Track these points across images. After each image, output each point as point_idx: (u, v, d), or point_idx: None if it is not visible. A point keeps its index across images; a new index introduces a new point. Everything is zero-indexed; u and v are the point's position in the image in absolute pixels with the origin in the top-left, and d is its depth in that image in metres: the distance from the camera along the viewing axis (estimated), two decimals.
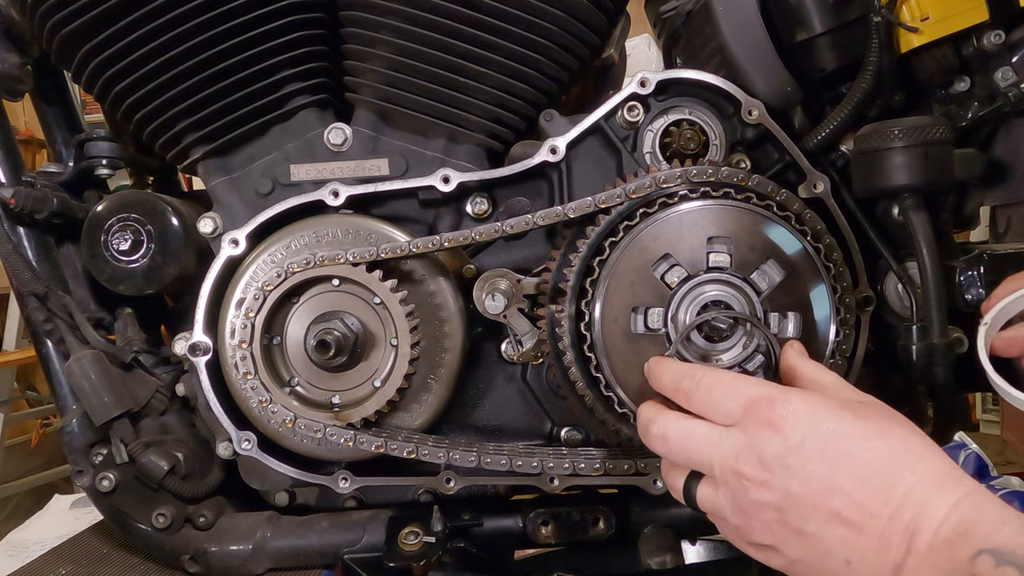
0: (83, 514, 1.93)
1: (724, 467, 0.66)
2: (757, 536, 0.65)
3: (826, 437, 0.62)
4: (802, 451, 0.62)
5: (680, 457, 0.70)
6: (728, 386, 0.68)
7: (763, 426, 0.64)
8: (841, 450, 0.62)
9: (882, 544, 0.58)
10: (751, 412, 0.65)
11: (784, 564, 0.65)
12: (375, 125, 1.03)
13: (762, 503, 0.64)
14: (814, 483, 0.61)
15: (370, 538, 1.06)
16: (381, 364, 0.98)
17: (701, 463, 0.69)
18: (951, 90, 0.94)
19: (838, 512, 0.60)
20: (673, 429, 0.70)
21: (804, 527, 0.62)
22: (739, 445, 0.65)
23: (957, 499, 0.57)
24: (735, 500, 0.66)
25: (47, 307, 1.07)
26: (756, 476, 0.64)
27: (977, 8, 0.87)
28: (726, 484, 0.66)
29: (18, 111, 1.85)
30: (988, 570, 0.52)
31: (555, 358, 0.90)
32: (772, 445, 0.63)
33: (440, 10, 0.96)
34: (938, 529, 0.56)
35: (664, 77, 0.96)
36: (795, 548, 0.63)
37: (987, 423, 3.60)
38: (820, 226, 0.88)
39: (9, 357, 3.43)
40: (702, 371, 0.71)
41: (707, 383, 0.70)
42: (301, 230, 0.98)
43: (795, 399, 0.65)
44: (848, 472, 0.61)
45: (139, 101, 1.01)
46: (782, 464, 0.63)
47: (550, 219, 0.92)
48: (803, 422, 0.63)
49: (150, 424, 1.10)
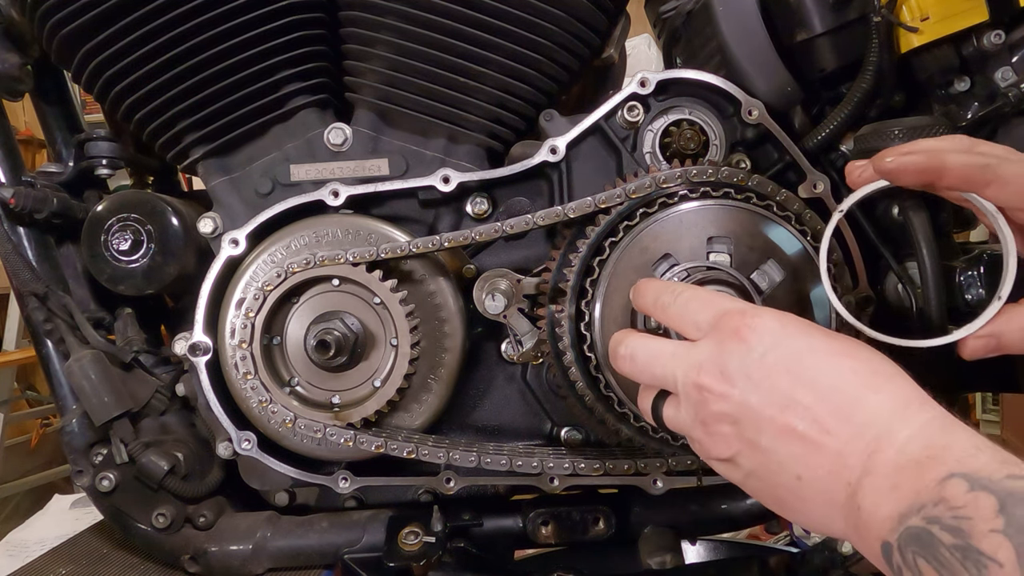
0: (83, 514, 1.93)
1: (687, 381, 0.65)
2: (715, 450, 0.65)
3: (791, 351, 0.61)
4: (764, 362, 0.61)
5: (647, 375, 0.70)
6: (705, 299, 0.68)
7: (730, 336, 0.63)
8: (805, 365, 0.60)
9: (838, 462, 0.56)
10: (720, 322, 0.65)
11: (740, 478, 0.64)
12: (375, 125, 1.03)
13: (720, 414, 0.63)
14: (773, 396, 0.60)
15: (370, 538, 1.06)
16: (381, 364, 0.98)
17: (666, 379, 0.68)
18: (951, 90, 0.94)
19: (793, 427, 0.59)
20: (641, 348, 0.71)
21: (758, 439, 0.60)
22: (703, 356, 0.64)
23: (924, 421, 0.55)
24: (696, 413, 0.65)
25: (47, 307, 1.07)
26: (716, 387, 0.63)
27: (977, 8, 0.87)
28: (687, 398, 0.65)
29: (18, 111, 1.85)
30: (959, 494, 0.48)
31: (555, 358, 0.90)
32: (736, 355, 0.62)
33: (440, 10, 0.96)
34: (902, 449, 0.54)
35: (664, 77, 0.96)
36: (749, 460, 0.62)
37: (987, 423, 3.60)
38: (820, 226, 0.88)
39: (9, 357, 3.43)
40: (683, 287, 0.72)
41: (686, 296, 0.70)
42: (301, 230, 0.98)
43: (767, 313, 0.64)
44: (809, 387, 0.59)
45: (139, 101, 1.01)
46: (744, 375, 0.61)
47: (550, 219, 0.92)
48: (770, 335, 0.62)
49: (150, 424, 1.10)
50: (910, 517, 0.51)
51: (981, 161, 0.69)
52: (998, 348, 0.71)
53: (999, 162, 0.69)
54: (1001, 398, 3.46)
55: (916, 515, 0.50)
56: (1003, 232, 0.70)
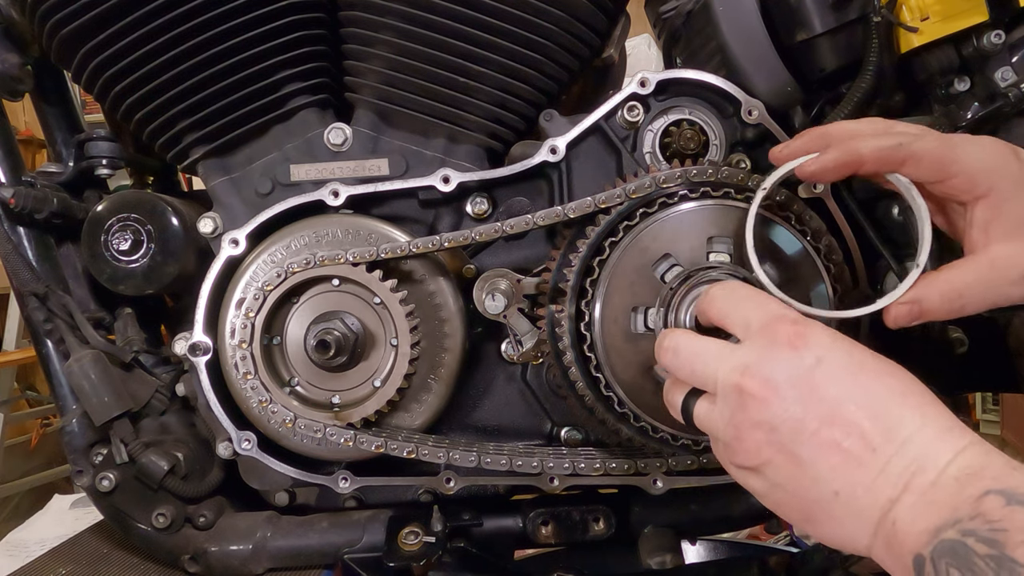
0: (83, 514, 1.93)
1: (727, 381, 0.64)
2: (741, 457, 0.64)
3: (842, 366, 0.61)
4: (813, 374, 0.61)
5: (686, 370, 0.69)
6: (759, 301, 0.68)
7: (780, 342, 0.63)
8: (856, 382, 0.60)
9: (880, 479, 0.57)
10: (770, 326, 0.64)
11: (763, 489, 0.64)
12: (375, 125, 1.03)
13: (757, 421, 0.62)
14: (819, 408, 0.60)
15: (370, 538, 1.06)
16: (381, 364, 0.98)
17: (706, 378, 0.67)
18: (951, 90, 0.94)
19: (838, 441, 0.58)
20: (685, 343, 0.70)
21: (797, 451, 0.60)
22: (750, 358, 0.64)
23: (964, 446, 0.56)
24: (731, 416, 0.64)
25: (47, 307, 1.07)
26: (758, 392, 0.62)
27: (977, 8, 0.87)
28: (725, 399, 0.65)
29: (18, 111, 1.85)
30: (996, 508, 0.50)
31: (555, 358, 0.90)
32: (784, 363, 0.62)
33: (440, 10, 0.96)
34: (943, 470, 0.55)
35: (664, 77, 0.96)
36: (780, 472, 0.61)
37: (987, 423, 3.60)
38: (820, 226, 0.88)
39: (9, 357, 3.43)
40: (739, 284, 0.73)
41: (741, 293, 0.70)
42: (301, 230, 0.98)
43: (818, 326, 0.64)
44: (857, 403, 0.59)
45: (139, 101, 1.01)
46: (790, 383, 0.61)
47: (550, 219, 0.92)
48: (821, 347, 0.62)
49: (150, 424, 1.10)
50: (945, 530, 0.52)
51: (893, 142, 0.71)
52: (921, 315, 0.72)
53: (911, 139, 0.71)
54: (1001, 398, 3.46)
55: (952, 528, 0.51)
56: (915, 202, 0.73)
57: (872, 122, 0.76)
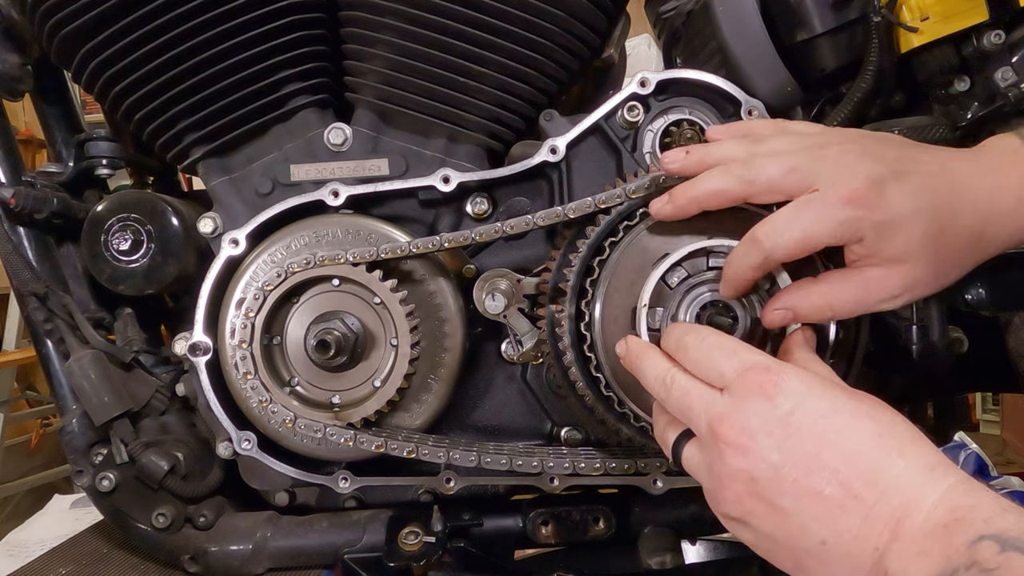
0: (83, 514, 1.93)
1: (709, 429, 0.64)
2: (724, 507, 0.64)
3: (816, 411, 0.61)
4: (789, 422, 0.60)
5: (676, 406, 0.69)
6: (730, 349, 0.67)
7: (753, 391, 0.63)
8: (831, 426, 0.60)
9: (865, 527, 0.56)
10: (744, 376, 0.64)
11: (752, 539, 0.64)
12: (375, 125, 1.03)
13: (736, 470, 0.62)
14: (797, 456, 0.59)
15: (370, 538, 1.06)
16: (381, 364, 0.98)
17: (692, 420, 0.67)
18: (951, 90, 0.94)
19: (819, 490, 0.58)
20: (679, 380, 0.69)
21: (778, 501, 0.60)
22: (726, 408, 0.63)
23: (949, 486, 0.55)
24: (711, 465, 0.64)
25: (47, 307, 1.07)
26: (736, 441, 0.62)
27: (977, 8, 0.87)
28: (707, 448, 0.65)
29: (18, 111, 1.85)
30: (991, 556, 0.49)
31: (555, 358, 0.90)
32: (759, 412, 0.62)
33: (440, 10, 0.96)
34: (929, 515, 0.54)
35: (664, 77, 0.96)
36: (765, 522, 0.61)
37: (987, 423, 3.60)
38: None
39: (9, 357, 3.43)
40: (709, 331, 0.71)
41: (711, 342, 0.69)
42: (301, 230, 0.98)
43: (791, 371, 0.63)
44: (836, 450, 0.59)
45: (139, 101, 1.01)
46: (766, 432, 0.60)
47: (550, 219, 0.92)
48: (795, 394, 0.62)
49: (150, 424, 1.10)
50: None
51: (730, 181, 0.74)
52: (794, 320, 0.74)
53: (757, 171, 0.73)
54: (1001, 398, 3.46)
55: None
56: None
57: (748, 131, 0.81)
